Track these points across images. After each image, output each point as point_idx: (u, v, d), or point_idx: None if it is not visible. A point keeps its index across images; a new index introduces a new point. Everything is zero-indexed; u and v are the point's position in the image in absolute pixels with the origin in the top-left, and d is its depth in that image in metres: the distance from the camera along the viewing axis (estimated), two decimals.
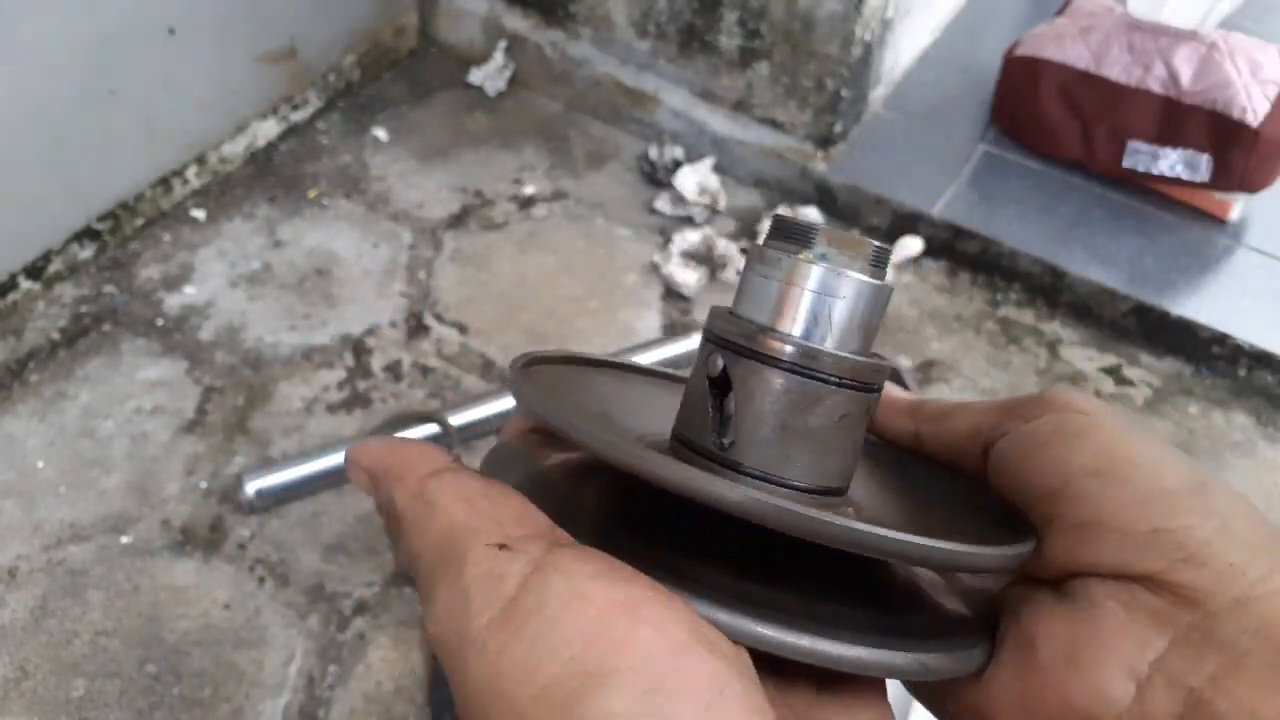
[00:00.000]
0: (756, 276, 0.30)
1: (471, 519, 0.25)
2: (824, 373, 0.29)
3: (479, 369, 1.34)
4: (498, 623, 0.23)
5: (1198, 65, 1.48)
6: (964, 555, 0.25)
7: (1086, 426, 0.28)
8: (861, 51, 1.54)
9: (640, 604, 0.23)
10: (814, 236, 0.29)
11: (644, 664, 0.22)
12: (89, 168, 1.38)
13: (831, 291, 0.29)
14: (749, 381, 0.29)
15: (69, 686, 1.01)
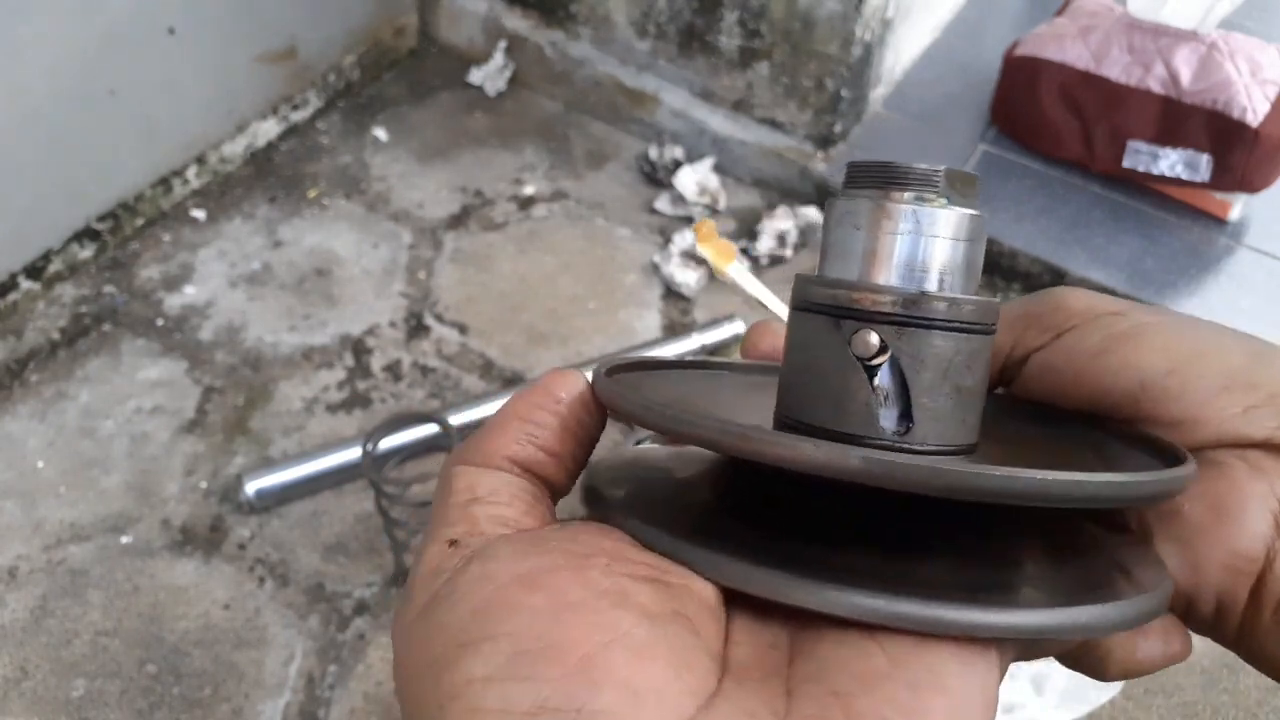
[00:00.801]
0: (870, 232, 0.27)
1: (452, 513, 0.27)
2: (982, 323, 0.27)
3: (479, 369, 1.34)
4: (417, 619, 0.24)
5: (1198, 65, 1.48)
6: (1162, 482, 0.24)
7: (1135, 328, 0.29)
8: (861, 51, 1.54)
9: (541, 573, 0.23)
10: (919, 177, 0.27)
11: (523, 628, 0.22)
12: (89, 168, 1.38)
13: (960, 234, 0.27)
14: (919, 353, 0.26)
15: (69, 686, 1.01)
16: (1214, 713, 1.07)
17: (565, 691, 0.21)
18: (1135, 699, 1.07)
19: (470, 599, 0.23)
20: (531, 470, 0.28)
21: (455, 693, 0.22)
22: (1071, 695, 1.02)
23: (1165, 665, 0.29)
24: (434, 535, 0.26)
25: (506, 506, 0.27)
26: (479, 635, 0.22)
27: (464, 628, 0.23)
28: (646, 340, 1.38)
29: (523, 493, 0.28)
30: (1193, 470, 0.26)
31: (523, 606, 0.23)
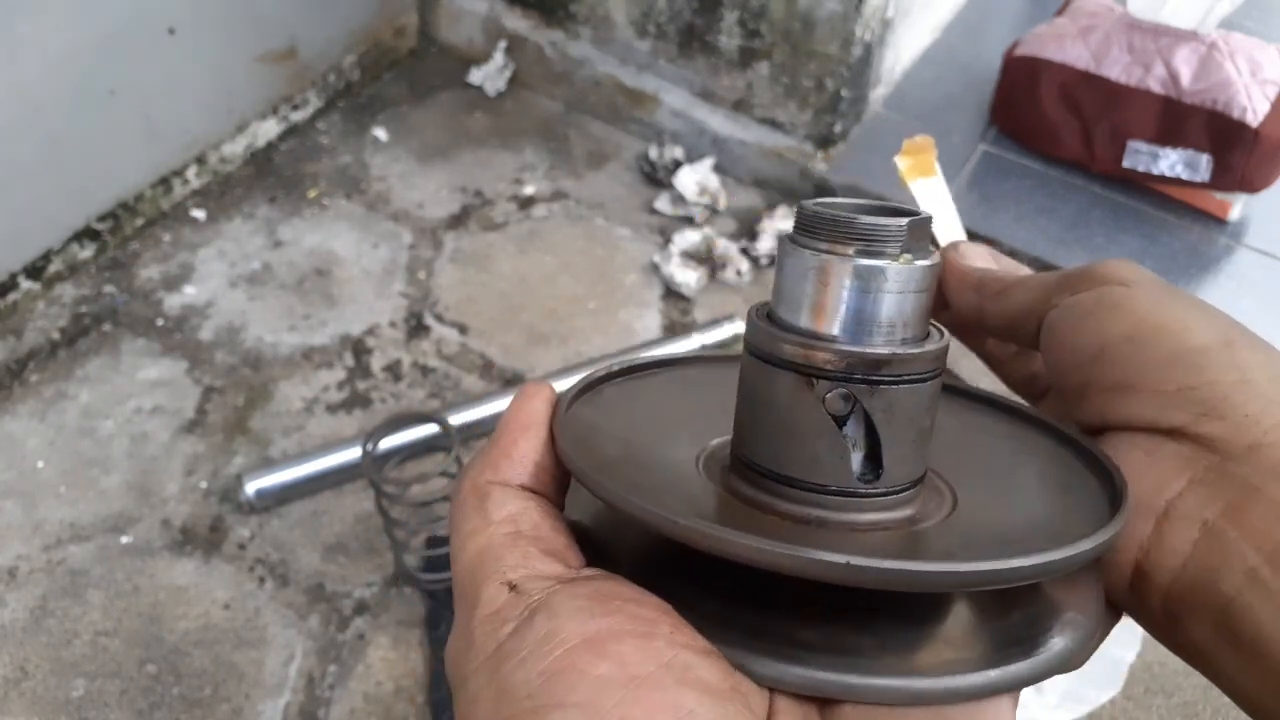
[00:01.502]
0: (836, 289, 0.27)
1: (502, 551, 0.26)
2: (939, 368, 0.28)
3: (479, 369, 1.34)
4: (483, 668, 0.24)
5: (1198, 65, 1.48)
6: (1087, 554, 0.25)
7: (1124, 296, 0.30)
8: (861, 51, 1.54)
9: (609, 638, 0.24)
10: (883, 234, 0.27)
11: (592, 698, 0.22)
12: (89, 168, 1.37)
13: (922, 287, 0.28)
14: (889, 407, 0.27)
15: (69, 686, 1.01)
16: (1214, 713, 1.07)
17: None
18: (1135, 699, 1.06)
19: (539, 660, 0.24)
20: (545, 492, 0.29)
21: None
22: (1071, 695, 1.02)
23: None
24: (486, 573, 0.26)
25: (553, 534, 0.27)
26: (550, 702, 0.23)
27: (534, 693, 0.23)
28: (646, 340, 1.38)
29: (555, 520, 0.28)
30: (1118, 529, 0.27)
31: (591, 675, 0.23)
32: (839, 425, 0.27)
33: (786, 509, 0.28)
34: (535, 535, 0.27)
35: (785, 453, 0.28)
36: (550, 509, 0.28)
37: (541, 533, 0.27)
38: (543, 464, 0.29)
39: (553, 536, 0.27)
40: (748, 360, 0.29)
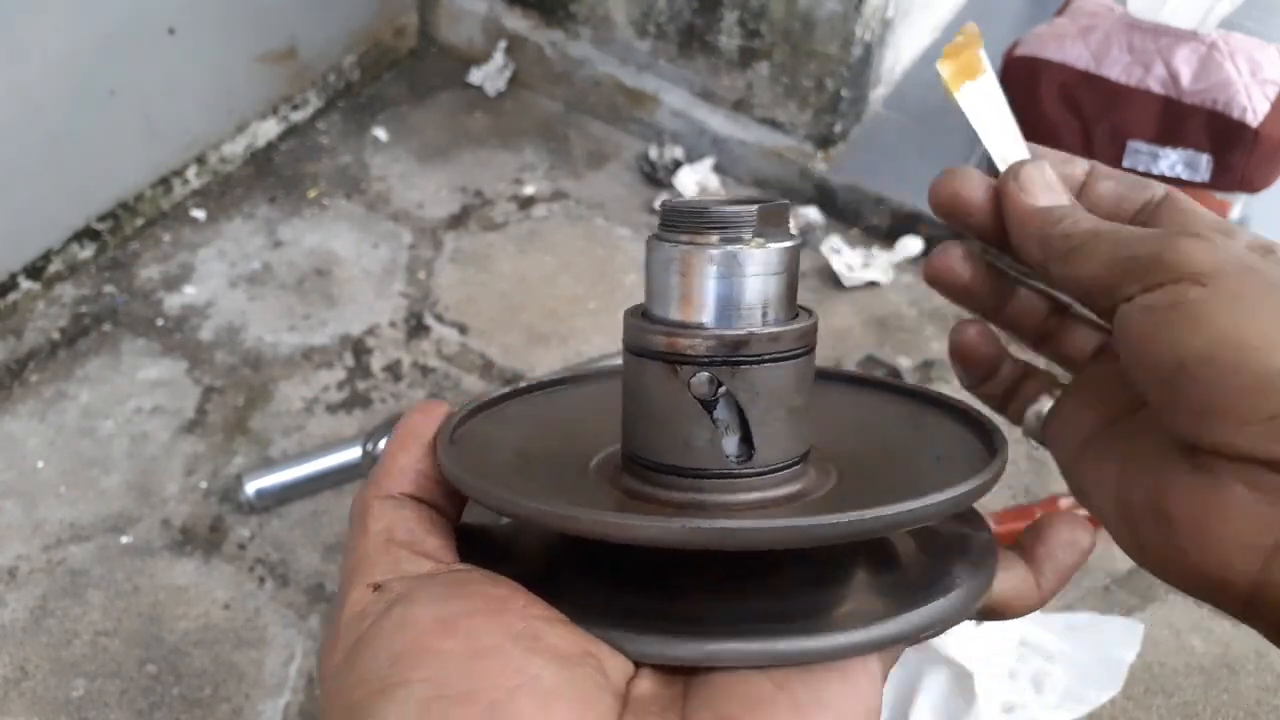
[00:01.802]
0: (692, 277, 0.28)
1: (373, 557, 0.27)
2: (805, 346, 0.30)
3: (479, 369, 1.34)
4: (341, 662, 0.25)
5: (1198, 65, 1.48)
6: (965, 496, 0.26)
7: (1201, 303, 0.27)
8: (861, 51, 1.54)
9: (459, 618, 0.24)
10: (733, 220, 0.29)
11: (437, 673, 0.23)
12: (89, 168, 1.37)
13: (778, 268, 0.29)
14: (752, 386, 0.28)
15: (69, 686, 1.01)
16: (1214, 713, 1.07)
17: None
18: (1135, 699, 1.07)
19: (390, 644, 0.24)
20: (433, 501, 0.29)
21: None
22: (1071, 695, 1.02)
23: (1016, 606, 0.31)
24: (355, 578, 0.27)
25: (427, 537, 0.28)
26: (395, 681, 0.23)
27: (381, 674, 0.23)
28: None
29: (435, 525, 0.29)
30: (992, 477, 0.29)
31: (438, 652, 0.23)
32: (707, 409, 0.28)
33: (668, 496, 0.29)
34: (408, 540, 0.28)
35: (662, 442, 0.29)
36: (429, 514, 0.29)
37: (415, 537, 0.28)
38: (426, 473, 0.29)
39: (426, 539, 0.28)
40: (626, 358, 0.30)
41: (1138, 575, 1.18)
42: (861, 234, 1.58)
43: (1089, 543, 0.33)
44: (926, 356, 1.41)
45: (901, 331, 1.45)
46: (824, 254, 1.49)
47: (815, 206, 1.59)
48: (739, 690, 0.24)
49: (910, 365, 1.40)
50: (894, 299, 1.48)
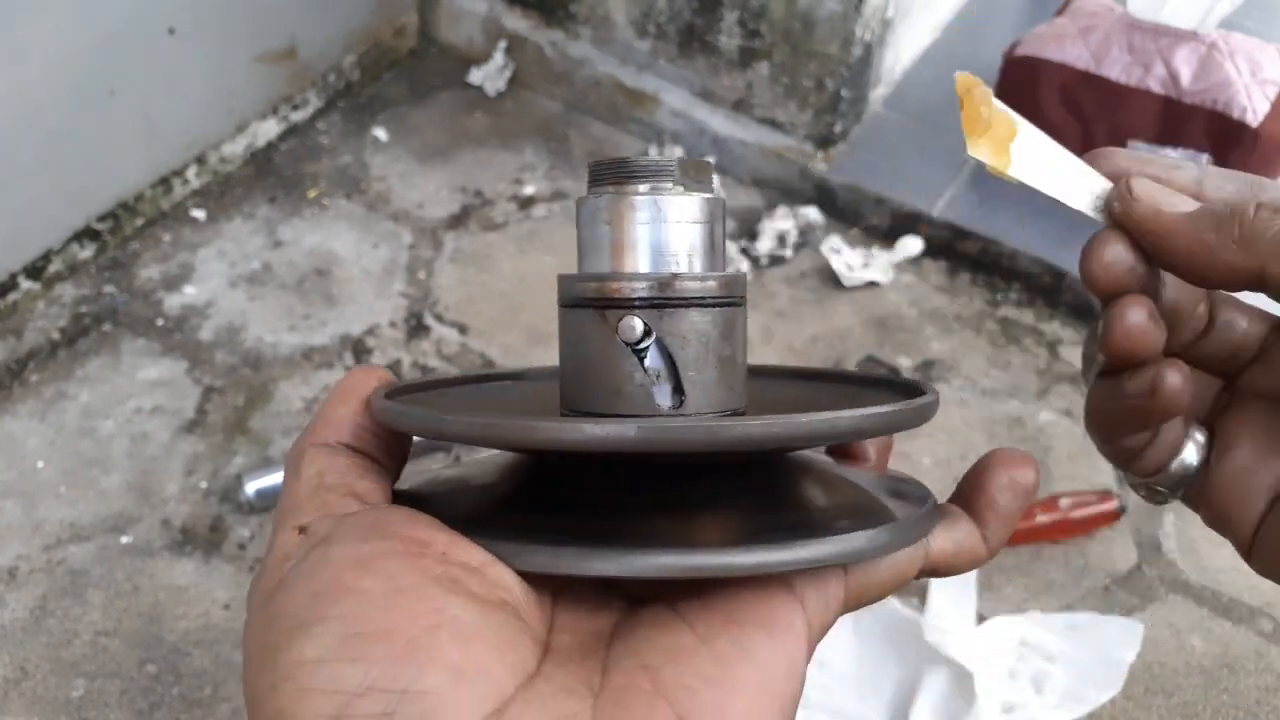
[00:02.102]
0: (617, 225, 0.29)
1: (303, 500, 0.28)
2: (732, 295, 0.29)
3: (479, 369, 1.34)
4: (262, 600, 0.25)
5: (1198, 65, 1.48)
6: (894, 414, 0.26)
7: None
8: (861, 51, 1.54)
9: (376, 558, 0.24)
10: (654, 169, 0.29)
11: (355, 610, 0.23)
12: (89, 168, 1.37)
13: (699, 217, 0.29)
14: (680, 330, 0.28)
15: (69, 686, 1.01)
16: (1214, 713, 1.07)
17: (392, 673, 0.22)
18: (1135, 699, 1.07)
19: (309, 583, 0.24)
20: (370, 452, 0.29)
21: (287, 673, 0.23)
22: (1071, 695, 1.02)
23: (961, 561, 0.30)
24: (284, 521, 0.27)
25: (358, 481, 0.28)
26: (312, 618, 0.23)
27: (299, 611, 0.24)
28: None
29: (368, 471, 0.29)
30: (929, 401, 0.28)
31: (356, 590, 0.23)
32: (638, 356, 0.28)
33: None
34: (338, 484, 0.28)
35: (595, 391, 0.29)
36: (363, 461, 0.29)
37: (345, 480, 0.28)
38: (364, 424, 0.30)
39: (358, 483, 0.28)
40: (561, 315, 0.30)
41: (1138, 575, 1.18)
42: (861, 234, 1.58)
43: (1032, 479, 0.31)
44: (926, 356, 1.41)
45: (901, 331, 1.45)
46: (824, 254, 1.49)
47: (815, 206, 1.59)
48: (661, 641, 0.24)
49: (910, 365, 1.40)
50: (894, 299, 1.48)
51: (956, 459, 1.28)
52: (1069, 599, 1.15)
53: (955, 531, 0.30)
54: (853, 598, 0.28)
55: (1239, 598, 1.15)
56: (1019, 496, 0.30)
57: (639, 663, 0.24)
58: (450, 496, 0.29)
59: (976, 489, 0.31)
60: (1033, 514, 1.18)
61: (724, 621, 0.24)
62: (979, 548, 0.30)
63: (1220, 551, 1.19)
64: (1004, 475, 0.30)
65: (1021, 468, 0.30)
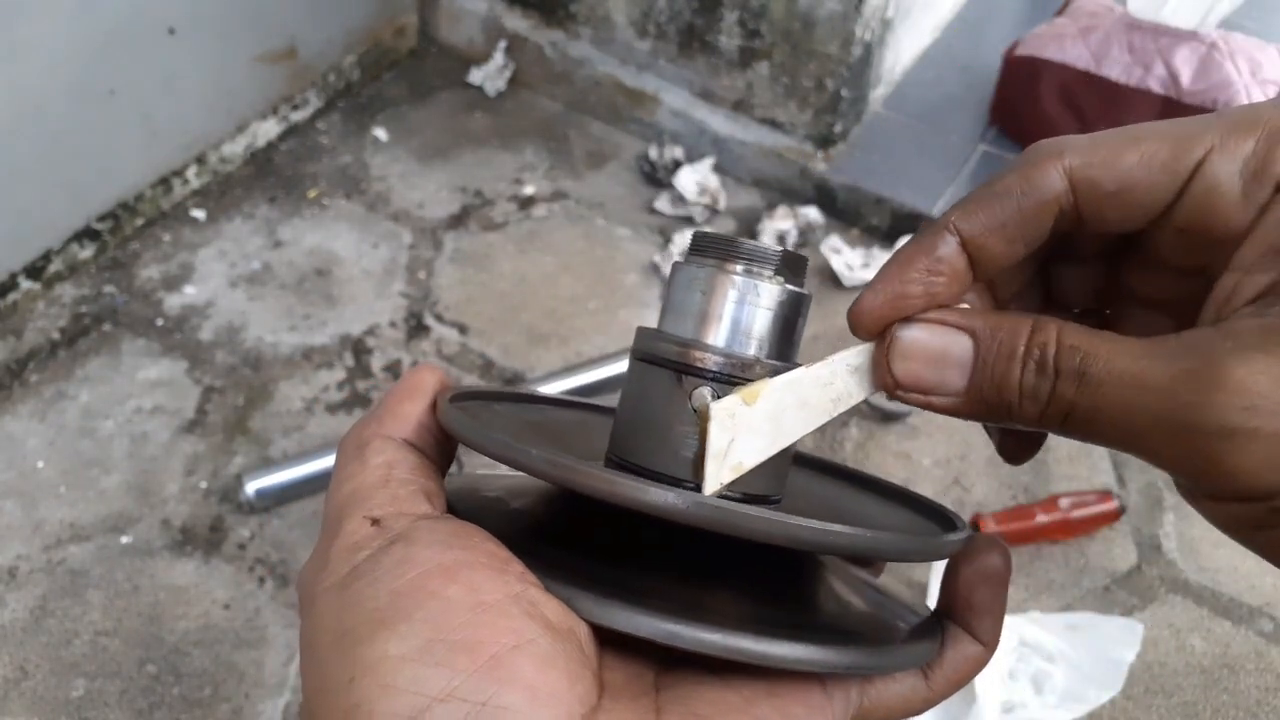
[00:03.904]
0: (709, 297, 0.30)
1: (372, 489, 0.28)
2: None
3: (479, 369, 1.34)
4: (334, 587, 0.25)
5: (1198, 65, 1.48)
6: (886, 542, 0.27)
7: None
8: (861, 51, 1.54)
9: (462, 567, 0.25)
10: (759, 257, 0.30)
11: (438, 616, 0.23)
12: (89, 168, 1.38)
13: (790, 310, 0.30)
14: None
15: (69, 686, 1.01)
16: (1214, 713, 1.07)
17: (475, 684, 0.22)
18: (1135, 699, 1.07)
19: (392, 579, 0.24)
20: (429, 452, 0.30)
21: (369, 667, 0.23)
22: (1071, 695, 1.02)
23: (966, 676, 0.30)
24: (351, 508, 0.27)
25: (424, 482, 0.28)
26: (397, 616, 0.23)
27: (383, 606, 0.24)
28: None
29: (432, 473, 0.29)
30: (960, 538, 0.28)
31: (441, 596, 0.24)
32: (702, 422, 0.29)
33: None
34: (407, 479, 0.28)
35: (653, 447, 0.30)
36: (427, 462, 0.29)
37: (415, 477, 0.28)
38: (426, 424, 0.30)
39: (425, 482, 0.28)
40: (632, 365, 0.31)
41: (1138, 575, 1.18)
42: (861, 234, 1.58)
43: (998, 564, 0.30)
44: None
45: None
46: (824, 254, 1.49)
47: (815, 206, 1.59)
48: (708, 696, 0.25)
49: None
50: None
51: (956, 459, 1.28)
52: (1069, 599, 1.15)
53: (956, 651, 0.30)
54: (863, 713, 0.29)
55: (1239, 598, 1.15)
56: (994, 584, 0.30)
57: (690, 709, 0.25)
58: (488, 515, 0.29)
59: (953, 594, 0.31)
60: (1033, 514, 1.18)
61: (766, 693, 0.26)
62: (980, 654, 0.30)
63: (1220, 551, 1.19)
64: (970, 571, 0.30)
65: (985, 555, 0.30)
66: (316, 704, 0.24)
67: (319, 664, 0.24)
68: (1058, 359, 0.25)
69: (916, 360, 0.28)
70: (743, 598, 0.28)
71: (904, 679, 0.29)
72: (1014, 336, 0.26)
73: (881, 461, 1.27)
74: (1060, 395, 0.25)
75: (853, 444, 1.29)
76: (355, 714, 0.23)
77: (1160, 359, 0.24)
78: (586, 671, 0.24)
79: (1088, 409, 0.25)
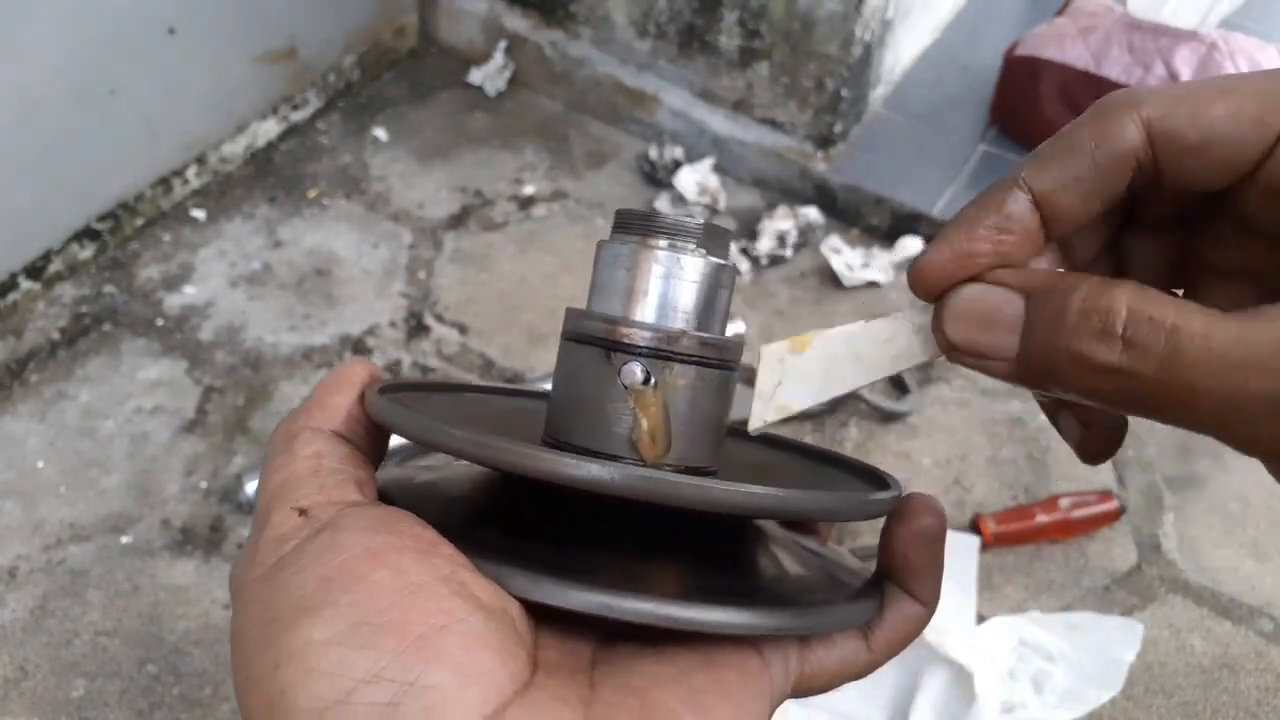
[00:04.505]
0: (633, 273, 0.30)
1: (301, 480, 0.27)
2: (729, 360, 0.30)
3: (479, 369, 1.34)
4: (261, 578, 0.25)
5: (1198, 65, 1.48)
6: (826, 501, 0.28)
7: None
8: (861, 51, 1.54)
9: (389, 551, 0.25)
10: (680, 230, 0.30)
11: (364, 600, 0.23)
12: (89, 168, 1.37)
13: (714, 281, 0.30)
14: (678, 385, 0.29)
15: (69, 686, 1.01)
16: (1214, 713, 1.07)
17: (401, 664, 0.22)
18: (1135, 699, 1.07)
19: (317, 566, 0.24)
20: (359, 444, 0.30)
21: (293, 653, 0.23)
22: (1071, 695, 1.02)
23: (905, 637, 0.30)
24: (279, 500, 0.27)
25: (352, 471, 0.28)
26: (322, 601, 0.23)
27: (308, 593, 0.24)
28: None
29: (361, 463, 0.29)
30: (889, 497, 0.29)
31: (368, 580, 0.24)
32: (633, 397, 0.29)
33: None
34: (336, 468, 0.28)
35: (585, 426, 0.30)
36: (357, 453, 0.29)
37: (344, 466, 0.28)
38: (355, 415, 0.30)
39: (355, 471, 0.28)
40: (562, 346, 0.31)
41: (1138, 575, 1.18)
42: (861, 234, 1.58)
43: (932, 523, 0.30)
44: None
45: None
46: (824, 254, 1.49)
47: (815, 206, 1.59)
48: (644, 669, 0.25)
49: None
50: (894, 299, 1.48)
51: (956, 459, 1.28)
52: (1069, 599, 1.15)
53: (896, 612, 0.30)
54: (804, 679, 0.29)
55: (1239, 598, 1.15)
56: (930, 544, 0.30)
57: (625, 683, 0.25)
58: (421, 503, 0.29)
59: (890, 555, 0.30)
60: (1033, 514, 1.18)
61: (702, 662, 0.26)
62: (920, 614, 0.30)
63: (1220, 551, 1.19)
64: (906, 530, 0.30)
65: (920, 515, 0.30)
66: (244, 693, 0.24)
67: (246, 655, 0.24)
68: (1132, 330, 0.23)
69: (968, 321, 0.26)
70: (680, 569, 0.29)
71: (844, 642, 0.29)
72: (1066, 297, 0.24)
73: (881, 461, 1.27)
74: (1138, 372, 0.23)
75: (852, 444, 1.29)
76: (280, 700, 0.23)
77: (1266, 332, 0.22)
78: (520, 650, 0.24)
79: (1181, 389, 0.22)
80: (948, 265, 0.27)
